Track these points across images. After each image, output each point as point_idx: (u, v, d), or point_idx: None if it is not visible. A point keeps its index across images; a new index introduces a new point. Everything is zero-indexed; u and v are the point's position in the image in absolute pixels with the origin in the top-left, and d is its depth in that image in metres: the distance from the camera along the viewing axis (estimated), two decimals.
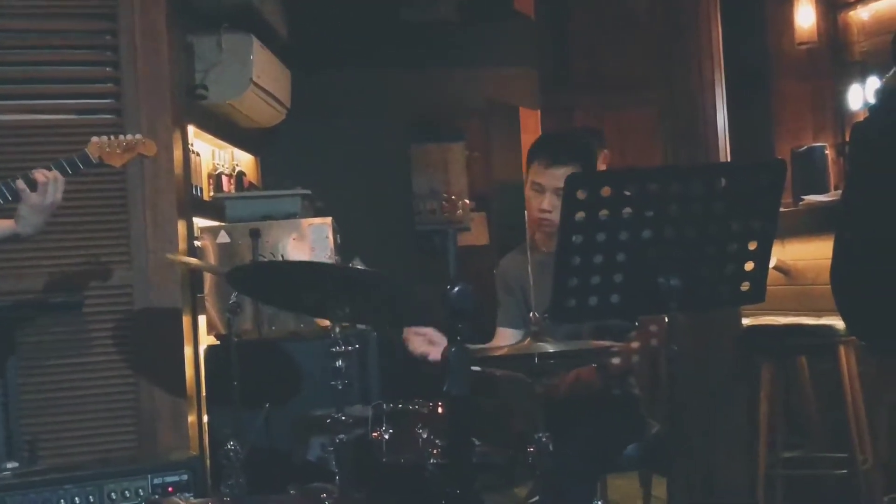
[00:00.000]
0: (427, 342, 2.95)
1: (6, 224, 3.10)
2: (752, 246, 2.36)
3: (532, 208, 3.12)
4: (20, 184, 3.00)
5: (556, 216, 3.00)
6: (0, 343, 3.58)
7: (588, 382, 3.01)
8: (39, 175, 3.01)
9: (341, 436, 2.46)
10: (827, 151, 5.27)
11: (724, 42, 3.83)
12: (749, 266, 2.38)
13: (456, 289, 2.21)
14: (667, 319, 2.38)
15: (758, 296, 2.42)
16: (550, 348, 2.47)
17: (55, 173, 3.04)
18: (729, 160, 3.80)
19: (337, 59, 6.70)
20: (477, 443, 2.59)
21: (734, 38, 4.02)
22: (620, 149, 7.01)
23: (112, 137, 3.22)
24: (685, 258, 2.32)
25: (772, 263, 3.36)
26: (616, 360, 2.81)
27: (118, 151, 3.21)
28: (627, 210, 2.25)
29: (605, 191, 2.22)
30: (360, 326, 3.72)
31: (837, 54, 5.79)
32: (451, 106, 7.22)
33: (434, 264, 6.58)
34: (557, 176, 3.00)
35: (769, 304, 2.80)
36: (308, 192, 4.31)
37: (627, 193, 2.24)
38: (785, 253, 4.19)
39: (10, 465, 3.24)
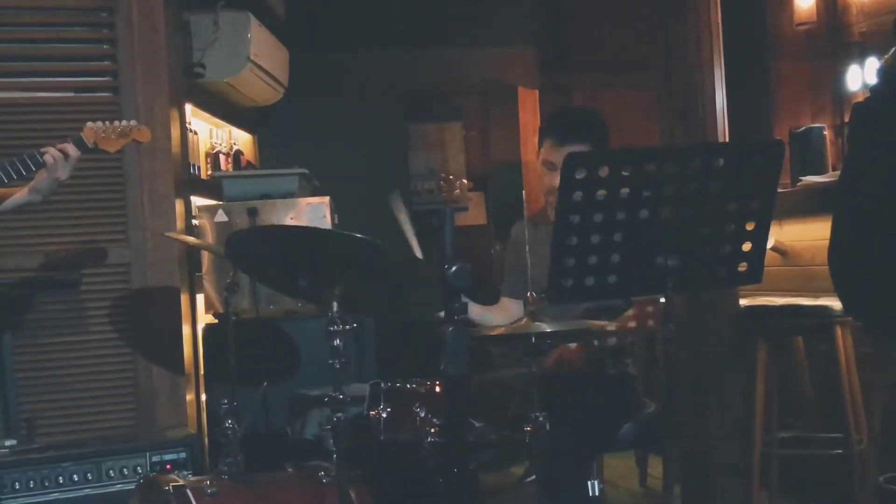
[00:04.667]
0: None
1: (21, 194, 3.12)
2: (750, 226, 2.36)
3: (544, 185, 3.15)
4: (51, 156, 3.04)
5: None
6: None
7: (570, 361, 3.02)
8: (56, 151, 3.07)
9: (339, 414, 2.46)
10: (825, 132, 5.25)
11: (723, 22, 3.81)
12: (746, 246, 2.38)
13: (453, 268, 2.21)
14: (663, 300, 2.38)
15: (755, 276, 2.42)
16: (547, 328, 2.48)
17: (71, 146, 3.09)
18: (727, 140, 3.79)
19: (334, 37, 6.68)
20: (474, 422, 2.60)
21: (733, 17, 4.00)
22: (618, 128, 6.96)
23: (107, 123, 3.20)
24: (682, 238, 2.32)
25: (769, 244, 3.36)
26: (612, 340, 2.82)
27: (113, 137, 3.20)
28: (625, 190, 2.25)
29: (603, 171, 2.21)
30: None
31: (836, 35, 5.76)
32: (448, 85, 7.21)
33: (431, 244, 6.58)
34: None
35: (766, 285, 2.79)
36: (305, 170, 4.31)
37: (625, 173, 2.24)
38: (782, 234, 4.19)
39: (8, 443, 3.25)
